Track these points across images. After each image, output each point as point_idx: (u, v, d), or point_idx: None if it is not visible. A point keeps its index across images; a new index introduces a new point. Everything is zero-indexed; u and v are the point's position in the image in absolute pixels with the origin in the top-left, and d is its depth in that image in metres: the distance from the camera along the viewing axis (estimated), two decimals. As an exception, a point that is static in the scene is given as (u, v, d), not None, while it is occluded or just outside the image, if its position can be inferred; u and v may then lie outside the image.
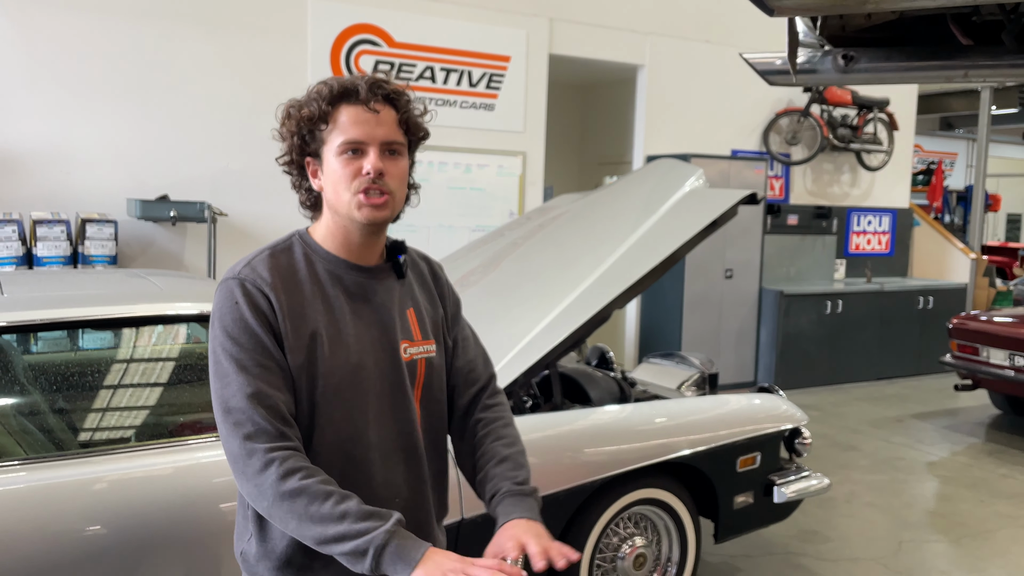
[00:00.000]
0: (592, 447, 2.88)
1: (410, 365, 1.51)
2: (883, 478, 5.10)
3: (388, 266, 1.54)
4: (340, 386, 1.42)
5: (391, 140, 1.44)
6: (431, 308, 1.60)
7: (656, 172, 4.10)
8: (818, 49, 1.66)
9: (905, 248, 9.07)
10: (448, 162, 6.27)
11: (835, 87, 7.93)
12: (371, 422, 1.45)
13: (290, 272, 1.45)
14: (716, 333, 7.30)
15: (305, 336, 1.41)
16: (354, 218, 1.43)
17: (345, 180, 1.42)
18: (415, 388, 1.52)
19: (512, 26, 6.42)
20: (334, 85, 1.44)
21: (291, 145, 1.47)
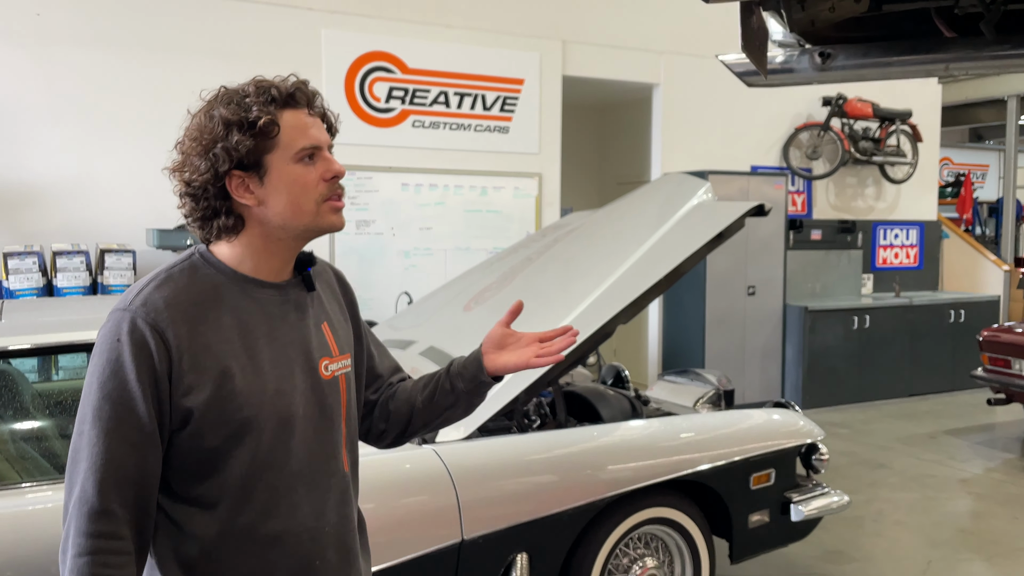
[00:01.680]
0: (598, 465, 2.83)
1: (331, 383, 1.43)
2: (913, 496, 4.95)
3: (298, 280, 1.44)
4: (259, 416, 1.31)
5: (330, 143, 1.42)
6: (342, 319, 1.54)
7: (664, 186, 4.07)
8: (795, 48, 1.63)
9: (934, 261, 8.88)
10: (464, 185, 6.29)
11: (855, 101, 7.84)
12: (295, 450, 1.36)
13: (192, 297, 1.31)
14: (740, 351, 7.19)
15: (212, 371, 1.28)
16: (318, 227, 1.37)
17: (310, 187, 1.35)
18: (340, 406, 1.46)
19: (525, 49, 6.45)
20: (279, 88, 1.35)
21: (227, 158, 1.30)
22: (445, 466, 2.55)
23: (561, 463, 2.78)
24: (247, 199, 1.33)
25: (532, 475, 2.72)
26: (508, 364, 1.53)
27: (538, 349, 1.52)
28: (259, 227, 1.35)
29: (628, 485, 2.85)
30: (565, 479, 2.76)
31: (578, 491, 2.76)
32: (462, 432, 2.72)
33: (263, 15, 5.53)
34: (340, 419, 1.45)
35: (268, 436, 1.33)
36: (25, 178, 4.95)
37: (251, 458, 1.32)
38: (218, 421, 1.30)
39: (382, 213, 6.01)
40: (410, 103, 6.06)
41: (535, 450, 2.76)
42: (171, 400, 1.28)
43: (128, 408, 1.24)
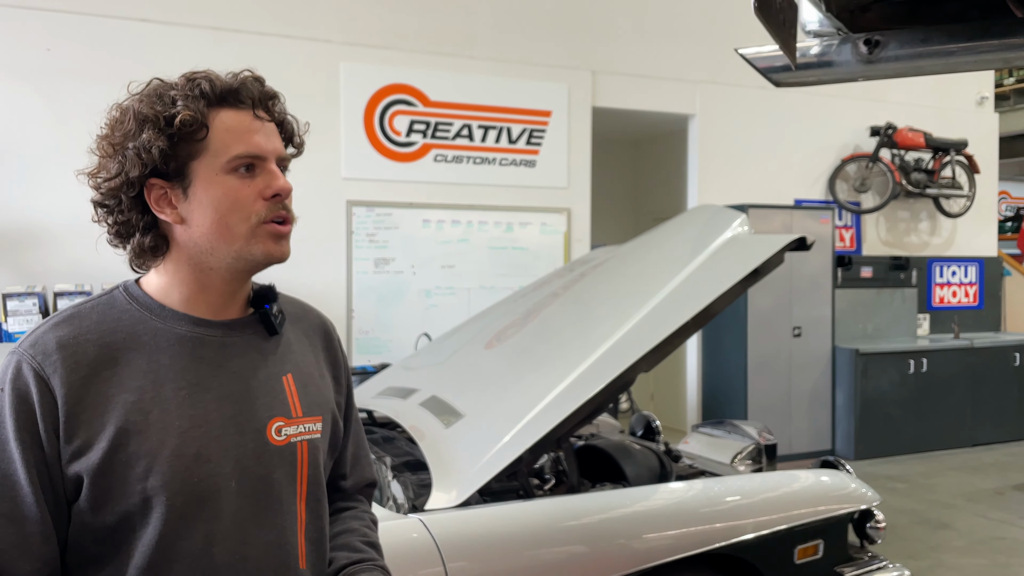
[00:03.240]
0: (615, 537, 2.45)
1: (284, 451, 1.13)
2: (982, 562, 4.43)
3: (254, 319, 1.18)
4: (168, 488, 1.03)
5: (284, 155, 1.15)
6: (318, 376, 1.23)
7: (696, 219, 3.73)
8: (834, 37, 1.30)
9: (996, 300, 8.31)
10: (488, 221, 6.01)
11: (905, 131, 7.42)
12: (221, 534, 1.06)
13: (97, 338, 1.07)
14: (786, 397, 6.71)
15: (104, 429, 1.03)
16: (250, 255, 1.10)
17: (240, 206, 1.08)
18: (296, 483, 1.14)
19: (552, 80, 6.20)
20: (213, 82, 1.10)
21: (139, 160, 1.07)
22: (433, 539, 2.21)
23: (571, 535, 2.42)
24: (167, 215, 1.10)
25: (535, 548, 2.36)
26: None
27: None
28: (185, 251, 1.11)
29: (651, 560, 2.46)
30: (575, 554, 2.39)
31: (591, 568, 2.39)
32: (456, 497, 2.38)
33: (280, 48, 5.37)
34: (294, 498, 1.13)
35: (180, 515, 1.03)
36: (31, 217, 4.80)
37: (157, 542, 1.03)
38: (114, 492, 1.02)
39: (402, 251, 5.75)
40: (432, 137, 5.83)
41: (540, 520, 2.40)
42: (61, 462, 1.02)
43: (4, 476, 1.02)
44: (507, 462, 2.40)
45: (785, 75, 1.31)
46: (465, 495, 2.35)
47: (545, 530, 2.38)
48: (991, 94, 8.30)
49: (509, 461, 2.40)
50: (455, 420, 2.71)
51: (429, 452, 2.57)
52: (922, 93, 7.80)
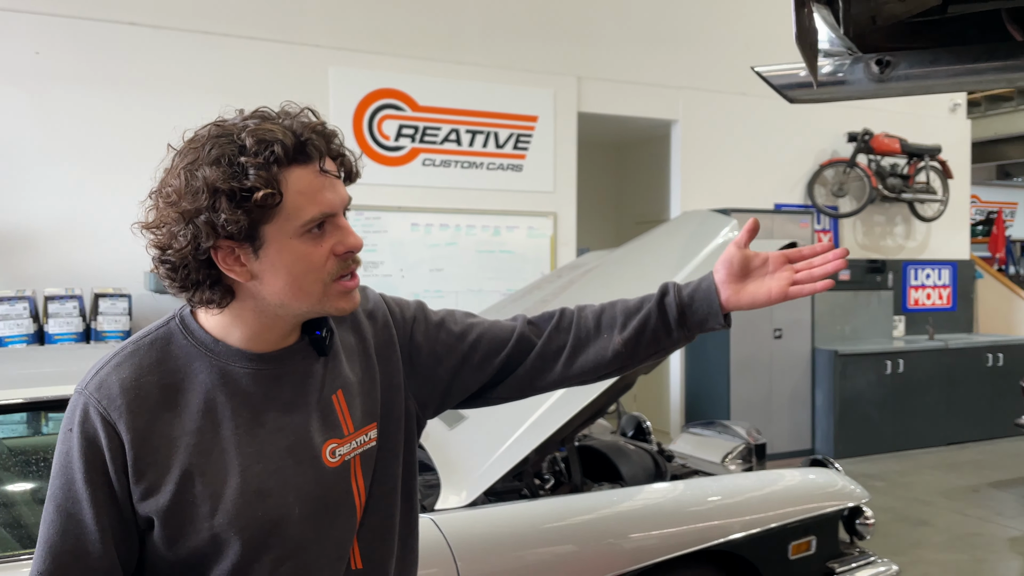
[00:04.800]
0: (618, 534, 2.52)
1: (339, 471, 1.16)
2: (961, 557, 4.56)
3: (304, 344, 1.18)
4: (235, 525, 1.07)
5: (348, 201, 1.13)
6: (368, 378, 1.24)
7: (687, 224, 3.81)
8: (846, 57, 1.38)
9: (969, 302, 8.52)
10: (476, 225, 6.07)
11: (882, 137, 7.59)
12: (287, 555, 1.11)
13: (157, 379, 1.10)
14: (767, 398, 6.84)
15: (170, 471, 1.06)
16: (324, 311, 1.11)
17: (315, 268, 1.07)
18: (355, 495, 1.17)
19: (538, 86, 6.27)
20: (285, 144, 1.03)
21: (207, 231, 1.03)
22: (444, 537, 2.26)
23: (577, 532, 2.48)
24: (238, 273, 1.07)
25: (543, 547, 2.42)
26: (757, 297, 1.21)
27: (792, 275, 1.20)
28: (252, 301, 1.10)
29: (653, 557, 2.53)
30: (581, 551, 2.45)
31: (596, 564, 2.45)
32: (465, 497, 2.43)
33: (269, 52, 5.39)
34: (353, 510, 1.17)
35: (250, 547, 1.08)
36: (19, 220, 4.78)
37: (230, 571, 1.08)
38: (184, 531, 1.06)
39: (391, 254, 5.79)
40: (420, 141, 5.88)
41: (547, 518, 2.46)
42: (132, 501, 1.06)
43: (70, 515, 1.05)
44: (514, 462, 2.46)
45: (800, 92, 1.38)
46: (475, 495, 2.41)
47: (552, 528, 2.44)
48: (964, 101, 8.51)
49: (516, 461, 2.46)
50: (459, 422, 2.76)
51: (435, 453, 2.62)
52: (898, 100, 7.98)
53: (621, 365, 1.29)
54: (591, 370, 1.29)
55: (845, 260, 1.18)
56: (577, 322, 1.30)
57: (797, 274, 1.20)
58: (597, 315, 1.30)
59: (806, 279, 1.19)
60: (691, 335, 1.26)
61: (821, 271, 1.18)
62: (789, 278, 1.20)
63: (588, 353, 1.28)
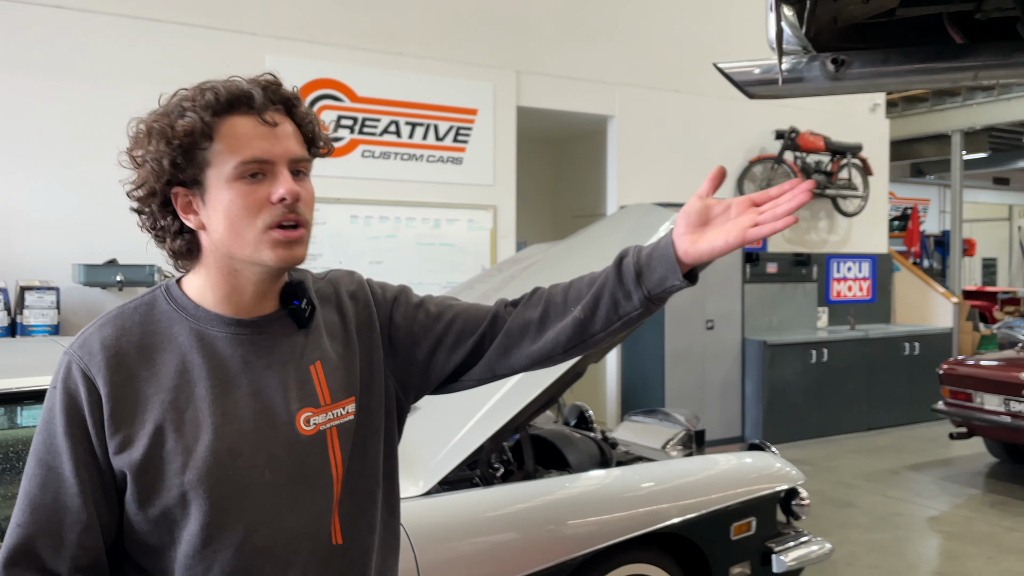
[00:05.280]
0: (571, 519, 2.58)
1: (314, 440, 1.17)
2: (884, 536, 4.80)
3: (283, 313, 1.21)
4: (205, 482, 1.09)
5: (299, 157, 1.15)
6: (348, 353, 1.25)
7: (629, 217, 3.89)
8: (803, 55, 1.45)
9: (887, 294, 8.92)
10: (416, 217, 6.05)
11: (807, 134, 7.87)
12: (261, 522, 1.12)
13: (138, 339, 1.14)
14: (700, 386, 7.04)
15: (144, 427, 1.10)
16: (262, 261, 1.12)
17: (248, 212, 1.10)
18: (332, 467, 1.19)
19: (478, 79, 6.29)
20: (220, 90, 1.12)
21: (153, 172, 1.11)
22: (402, 526, 2.27)
23: (531, 519, 2.53)
24: (191, 221, 1.14)
25: (499, 533, 2.46)
26: (715, 245, 1.12)
27: (755, 216, 1.11)
28: (212, 254, 1.15)
29: (604, 540, 2.60)
30: (536, 536, 2.50)
31: (550, 549, 2.50)
32: (422, 486, 2.45)
33: (203, 39, 5.25)
34: (330, 481, 1.18)
35: (219, 507, 1.09)
36: (-56, 209, 4.55)
37: (200, 532, 1.09)
38: (155, 487, 1.09)
39: (330, 246, 5.73)
40: (359, 132, 5.83)
41: (502, 505, 2.50)
42: (108, 455, 1.10)
43: (50, 468, 1.10)
44: (470, 451, 2.49)
45: (760, 88, 1.44)
46: (431, 483, 2.43)
47: (508, 514, 2.48)
48: (883, 102, 8.89)
49: (472, 450, 2.49)
50: (412, 412, 2.76)
51: (389, 444, 2.62)
52: (823, 99, 8.28)
53: (583, 337, 1.24)
54: (556, 344, 1.26)
55: (811, 192, 1.10)
56: (546, 297, 1.30)
57: (760, 215, 1.12)
58: (565, 289, 1.30)
59: (768, 219, 1.11)
60: (652, 297, 1.18)
61: (785, 207, 1.10)
62: (751, 220, 1.12)
63: (554, 327, 1.26)
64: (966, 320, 9.65)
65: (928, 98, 10.59)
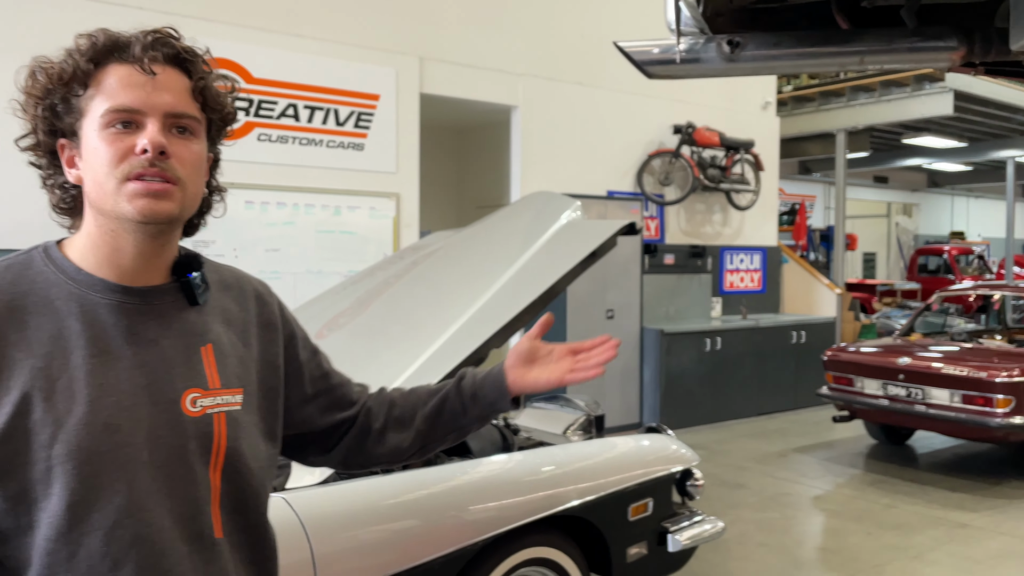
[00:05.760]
0: (470, 505, 2.56)
1: (199, 422, 1.10)
2: (773, 515, 5.01)
3: (174, 286, 1.15)
4: (75, 458, 1.00)
5: (179, 112, 1.09)
6: (243, 346, 1.20)
7: (532, 205, 3.91)
8: (700, 37, 1.47)
9: (776, 285, 9.31)
10: (316, 204, 5.90)
11: (703, 130, 8.10)
12: (135, 506, 1.03)
13: (8, 299, 1.05)
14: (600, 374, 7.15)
15: (9, 394, 1.01)
16: (123, 214, 1.05)
17: (110, 162, 1.04)
18: (211, 454, 1.11)
19: (380, 64, 6.18)
20: (99, 37, 1.07)
21: (35, 119, 1.09)
22: (297, 516, 2.20)
23: (429, 505, 2.50)
24: (71, 175, 1.11)
25: (397, 521, 2.41)
26: (539, 381, 1.37)
27: (573, 363, 1.38)
28: (89, 211, 1.10)
29: (503, 525, 2.60)
30: (434, 523, 2.47)
31: (449, 536, 2.48)
32: (316, 476, 2.38)
33: (88, 11, 4.95)
34: (207, 469, 1.10)
35: (89, 486, 1.00)
36: None
37: (64, 513, 0.99)
38: (18, 460, 0.99)
39: (223, 233, 5.51)
40: (255, 115, 5.62)
41: (400, 492, 2.46)
42: None
43: None
44: (368, 438, 2.43)
45: (659, 68, 1.46)
46: (327, 472, 2.36)
47: (407, 502, 2.44)
48: (773, 100, 9.25)
49: (370, 437, 2.43)
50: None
51: (284, 432, 2.53)
52: (718, 95, 8.56)
53: (423, 444, 1.41)
54: (400, 452, 1.41)
55: (616, 350, 1.38)
56: (392, 404, 1.43)
57: (577, 363, 1.37)
58: (409, 398, 1.44)
59: (582, 368, 1.37)
60: (484, 415, 1.40)
61: (595, 360, 1.37)
62: (569, 366, 1.37)
63: (399, 435, 1.40)
64: (848, 310, 10.18)
65: (815, 98, 11.10)
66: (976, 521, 4.86)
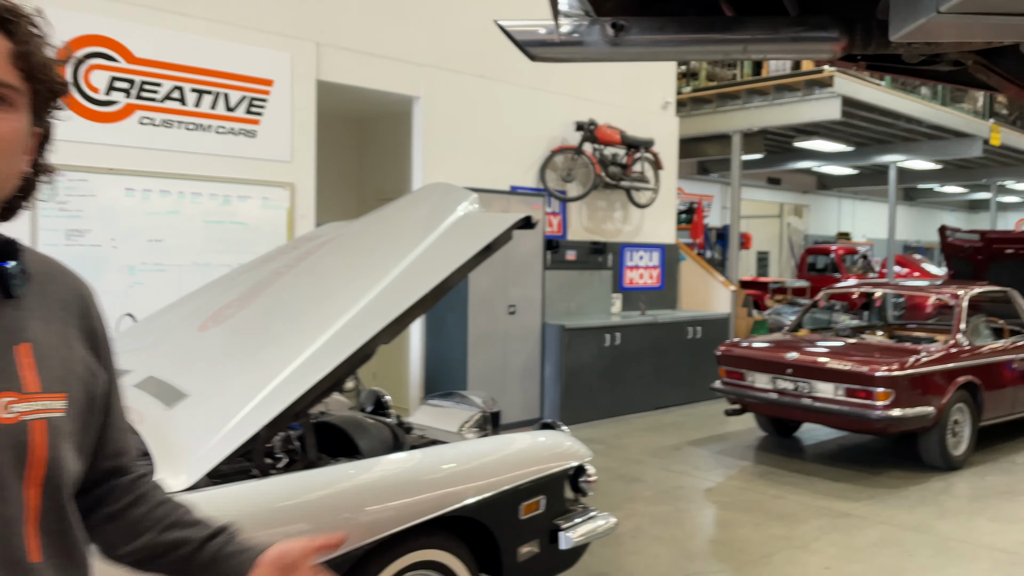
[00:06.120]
0: (354, 508, 2.45)
1: (13, 430, 0.97)
2: (666, 509, 5.07)
3: None
4: None
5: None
6: (65, 348, 1.08)
7: (429, 196, 3.80)
8: (584, 18, 1.40)
9: (674, 282, 9.50)
10: (203, 192, 5.61)
11: (605, 128, 8.17)
12: None
13: None
14: (502, 370, 7.12)
15: None
16: None
17: None
18: (26, 467, 0.98)
19: (274, 48, 5.93)
20: None
21: None
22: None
23: (310, 509, 2.37)
24: None
25: (275, 527, 2.28)
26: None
27: None
28: None
29: (389, 528, 2.50)
30: (316, 528, 2.35)
31: (331, 541, 2.36)
32: (185, 480, 2.21)
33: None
34: (21, 483, 0.97)
35: None
36: None
37: None
38: None
39: (100, 221, 5.16)
40: (137, 97, 5.29)
41: (278, 497, 2.32)
42: None
43: None
44: (242, 440, 2.28)
45: (541, 50, 1.39)
46: (196, 477, 2.20)
47: (285, 507, 2.31)
48: (673, 100, 9.43)
49: (244, 439, 2.29)
50: (179, 400, 2.52)
51: (150, 435, 2.35)
52: (619, 94, 8.65)
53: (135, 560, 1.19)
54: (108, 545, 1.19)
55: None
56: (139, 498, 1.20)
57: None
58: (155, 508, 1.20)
59: None
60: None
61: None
62: None
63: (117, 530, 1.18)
64: (742, 307, 10.50)
65: (713, 100, 11.40)
66: (857, 510, 5.07)
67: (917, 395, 5.68)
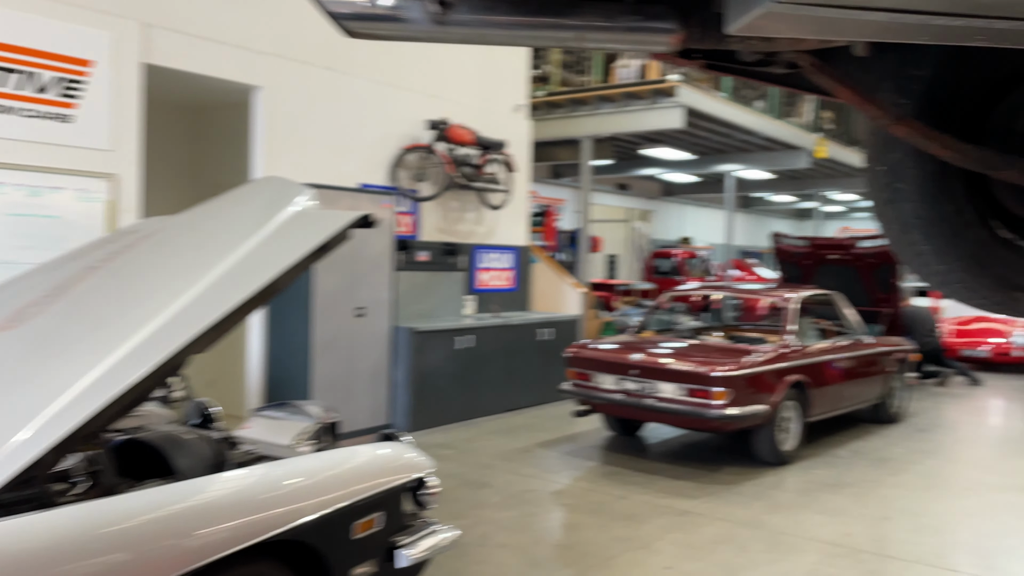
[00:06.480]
0: (159, 539, 2.18)
1: None
2: (514, 514, 5.01)
3: None
4: None
5: None
6: None
7: (259, 191, 3.55)
8: (407, -6, 1.25)
9: (526, 284, 9.53)
10: (6, 182, 5.01)
11: (457, 127, 8.05)
12: None
13: None
14: (349, 375, 6.84)
15: None
16: None
17: None
18: None
19: (92, 25, 5.39)
20: None
21: None
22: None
23: (109, 543, 2.08)
24: None
25: (65, 564, 1.98)
26: None
27: None
28: None
29: (204, 558, 2.25)
30: (116, 563, 2.07)
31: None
32: (-54, 517, 1.88)
33: None
34: None
35: None
36: None
37: None
38: None
39: None
40: (-76, 70, 4.65)
41: (68, 531, 2.02)
42: None
43: None
44: (20, 466, 1.97)
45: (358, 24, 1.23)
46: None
47: (76, 542, 2.01)
48: (526, 103, 9.46)
49: (23, 465, 1.97)
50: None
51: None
52: (472, 94, 8.57)
53: None
54: None
55: None
56: None
57: None
58: None
59: None
60: None
61: None
62: None
63: None
64: (592, 308, 10.70)
65: (565, 105, 11.58)
66: (697, 508, 5.21)
67: (751, 394, 5.93)
